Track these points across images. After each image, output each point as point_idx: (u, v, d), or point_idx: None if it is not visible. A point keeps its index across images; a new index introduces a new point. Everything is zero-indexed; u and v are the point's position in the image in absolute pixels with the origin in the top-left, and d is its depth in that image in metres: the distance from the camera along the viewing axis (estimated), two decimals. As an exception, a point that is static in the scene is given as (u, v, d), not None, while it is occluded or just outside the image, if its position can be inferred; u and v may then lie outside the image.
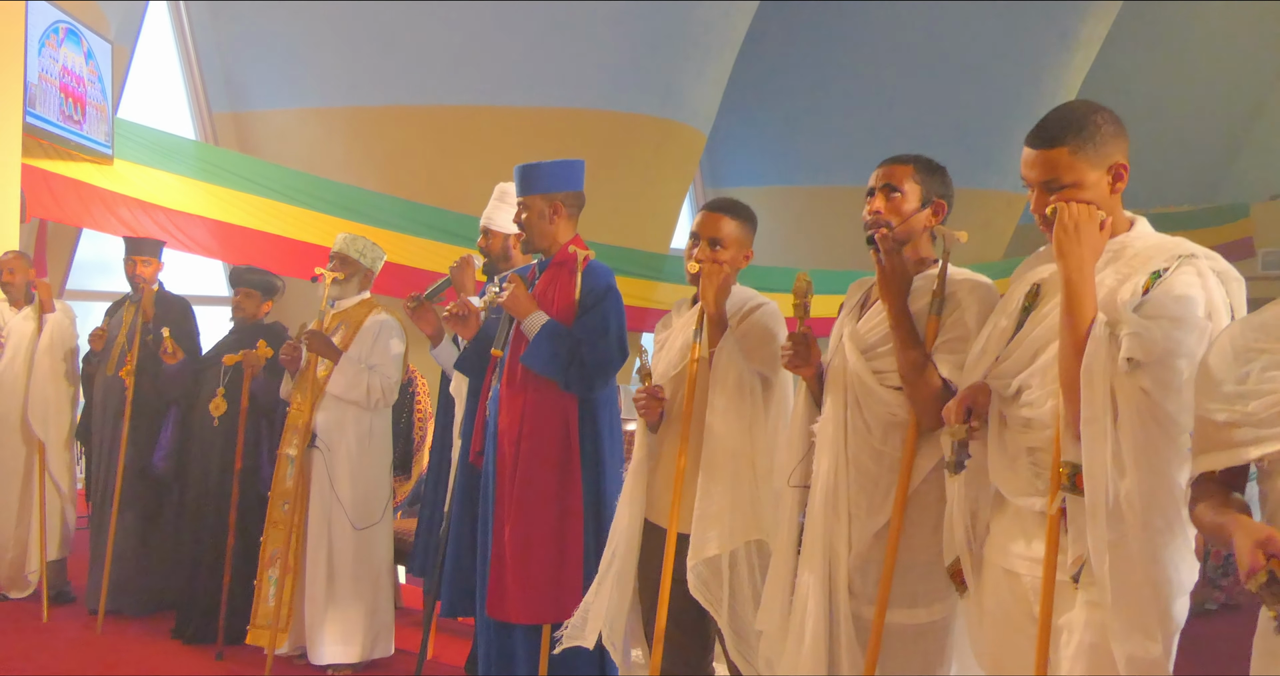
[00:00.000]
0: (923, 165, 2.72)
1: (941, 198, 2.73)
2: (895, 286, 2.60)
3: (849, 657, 2.60)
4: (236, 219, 7.52)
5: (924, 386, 2.53)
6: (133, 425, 5.30)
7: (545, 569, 3.52)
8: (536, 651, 3.59)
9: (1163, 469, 2.06)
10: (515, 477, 3.56)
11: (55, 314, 5.65)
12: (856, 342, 2.68)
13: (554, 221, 3.67)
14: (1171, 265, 2.14)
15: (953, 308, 2.59)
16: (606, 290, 3.62)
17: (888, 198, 2.68)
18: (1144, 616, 2.07)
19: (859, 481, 2.63)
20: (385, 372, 4.67)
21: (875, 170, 2.73)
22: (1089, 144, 2.20)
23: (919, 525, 2.58)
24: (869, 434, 2.62)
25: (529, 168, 3.67)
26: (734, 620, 2.99)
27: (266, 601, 4.65)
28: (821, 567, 2.64)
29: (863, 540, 2.62)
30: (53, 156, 6.83)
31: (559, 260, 3.70)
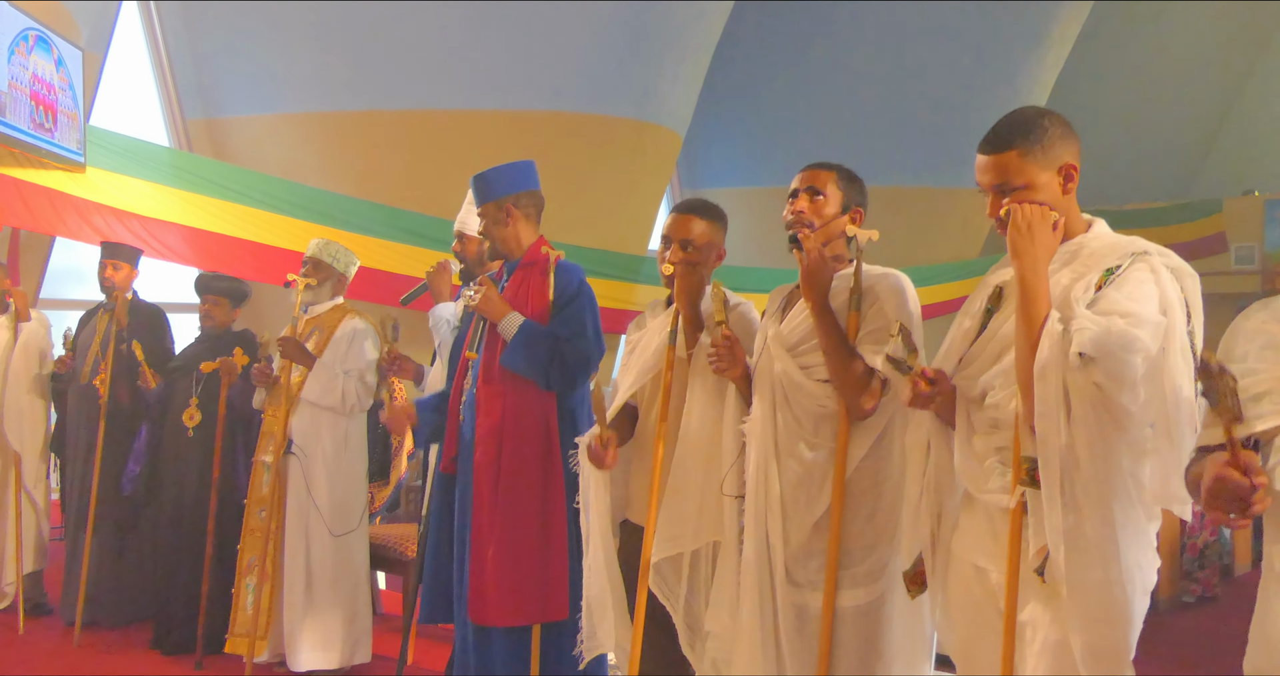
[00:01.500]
0: (844, 173, 2.89)
1: (859, 206, 2.89)
2: (817, 282, 2.72)
3: (789, 646, 2.69)
4: (212, 225, 7.49)
5: (851, 377, 2.65)
6: (108, 435, 5.28)
7: (531, 569, 3.52)
8: (517, 655, 3.59)
9: (1118, 462, 2.10)
10: (498, 480, 3.57)
11: (30, 323, 5.63)
12: (781, 342, 2.80)
13: (509, 224, 3.69)
14: (1125, 262, 2.19)
15: (871, 301, 2.74)
16: (580, 287, 3.65)
17: (811, 199, 2.83)
18: (1102, 606, 2.11)
19: (794, 476, 2.73)
20: (360, 378, 4.68)
21: (798, 174, 2.89)
22: (1037, 146, 2.27)
23: (854, 512, 2.70)
24: (800, 427, 2.74)
25: (478, 178, 3.70)
26: (689, 616, 3.05)
27: (245, 609, 4.65)
28: (758, 564, 2.73)
29: (801, 531, 2.72)
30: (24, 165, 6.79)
31: (528, 261, 3.71)
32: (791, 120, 13.04)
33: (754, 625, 2.71)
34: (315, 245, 4.87)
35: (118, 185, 7.31)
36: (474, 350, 3.70)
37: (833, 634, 2.67)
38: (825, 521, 2.70)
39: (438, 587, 3.91)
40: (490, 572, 3.55)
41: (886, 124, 12.18)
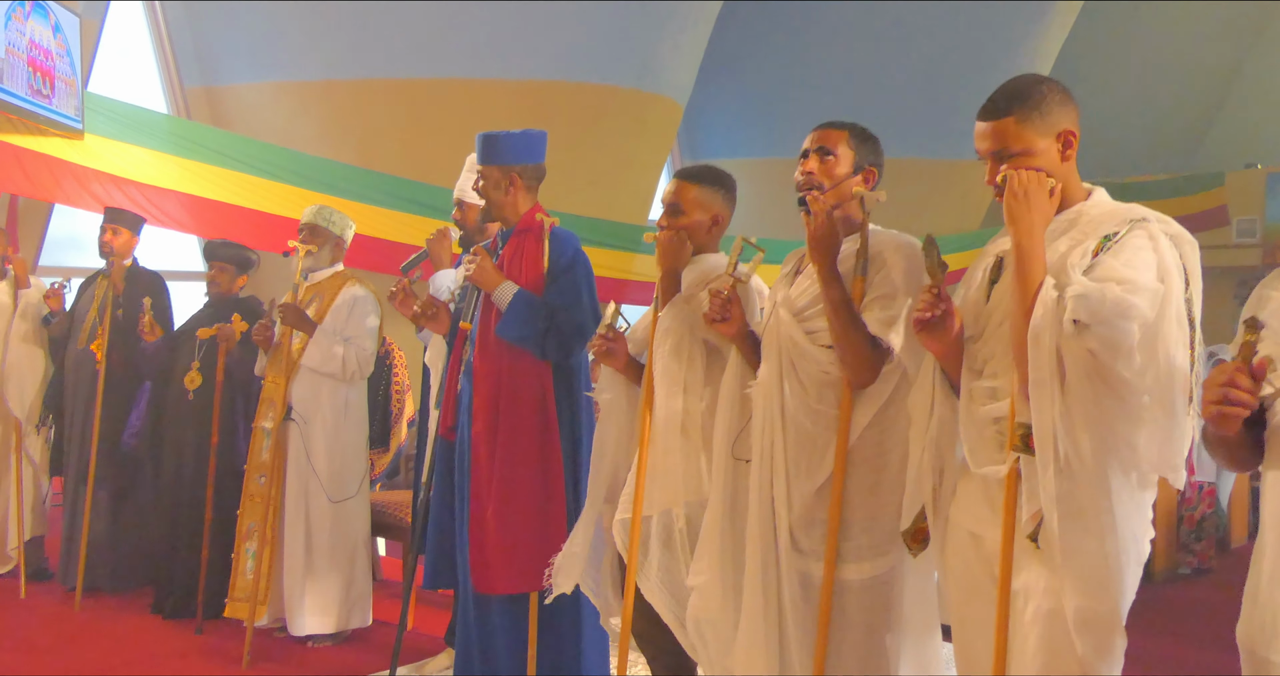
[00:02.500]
0: (857, 132, 2.80)
1: (873, 166, 2.80)
2: (825, 246, 2.66)
3: (794, 615, 2.67)
4: (210, 193, 7.47)
5: (854, 344, 2.60)
6: (105, 401, 5.30)
7: (530, 538, 3.54)
8: (516, 623, 3.62)
9: (1113, 428, 2.11)
10: (495, 449, 3.58)
11: (30, 290, 5.63)
12: (789, 307, 2.76)
13: (510, 193, 3.68)
14: (1123, 229, 2.18)
15: (878, 267, 2.67)
16: (575, 255, 3.64)
17: (821, 160, 2.75)
18: (1096, 574, 2.12)
19: (797, 441, 2.69)
20: (360, 345, 4.68)
21: (810, 133, 2.80)
22: (1035, 112, 2.26)
23: (857, 481, 2.65)
24: (805, 394, 2.69)
25: (490, 137, 3.66)
26: (667, 581, 3.02)
27: (244, 574, 4.67)
28: (761, 529, 2.70)
29: (804, 498, 2.68)
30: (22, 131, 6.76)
31: (522, 228, 3.70)
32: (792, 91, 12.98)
33: (755, 590, 2.68)
34: (310, 211, 4.87)
35: (116, 152, 7.28)
36: (469, 320, 3.70)
37: (839, 606, 2.63)
38: (828, 489, 2.66)
39: (440, 553, 3.93)
40: (490, 541, 3.57)
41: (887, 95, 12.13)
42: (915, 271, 2.63)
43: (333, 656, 4.56)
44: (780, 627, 2.68)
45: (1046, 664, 2.16)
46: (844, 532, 2.65)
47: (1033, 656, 2.18)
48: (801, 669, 2.65)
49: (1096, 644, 2.13)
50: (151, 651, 4.59)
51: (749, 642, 2.70)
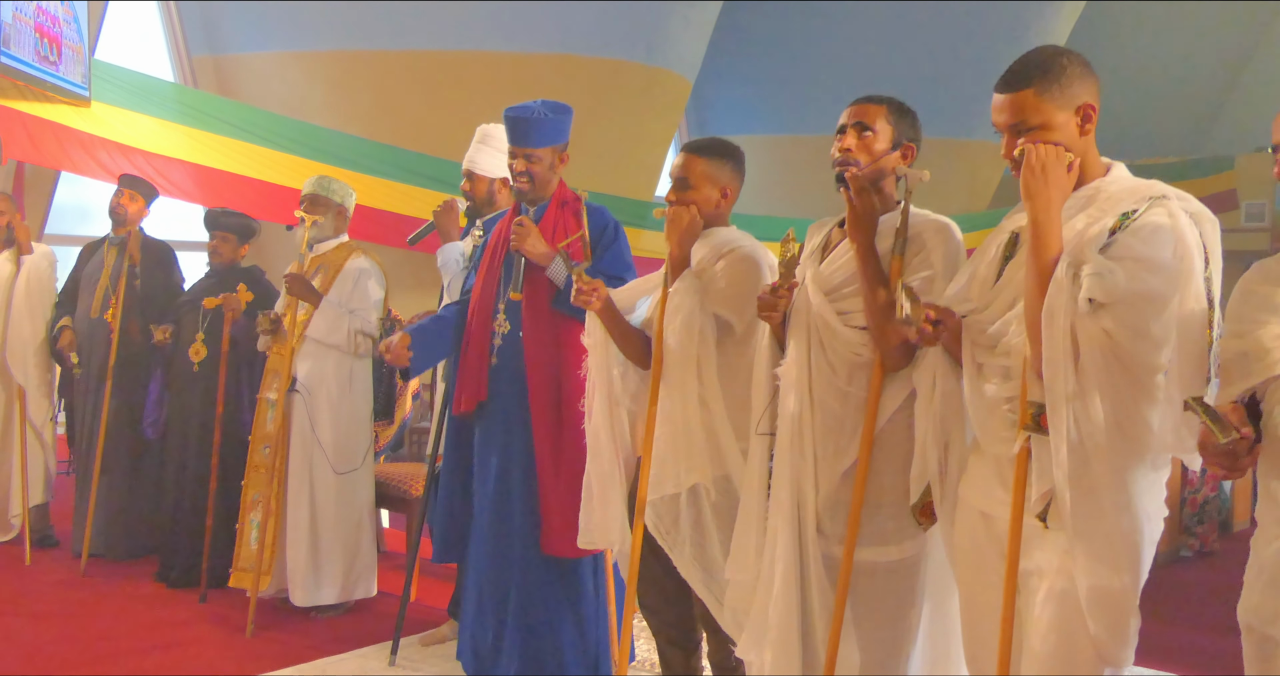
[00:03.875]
0: (895, 107, 2.72)
1: (911, 141, 2.73)
2: (864, 226, 2.59)
3: (820, 597, 2.63)
4: (217, 163, 7.44)
5: (892, 331, 2.52)
6: (118, 370, 5.30)
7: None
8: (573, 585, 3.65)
9: (1128, 408, 2.09)
10: (560, 417, 3.59)
11: (33, 256, 5.62)
12: (820, 284, 2.69)
13: (557, 170, 3.70)
14: (1141, 206, 2.15)
15: (917, 248, 2.60)
16: (616, 227, 3.65)
17: (859, 136, 2.67)
18: (1109, 549, 2.11)
19: (825, 422, 2.64)
20: (366, 317, 4.67)
21: (847, 108, 2.73)
22: (1054, 85, 2.22)
23: (886, 464, 2.60)
24: (834, 375, 2.64)
25: (533, 119, 3.62)
26: (700, 558, 3.01)
27: (249, 544, 4.68)
28: (789, 510, 2.66)
29: (830, 481, 2.64)
30: (29, 98, 6.73)
31: (558, 202, 3.69)
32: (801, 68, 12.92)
33: (785, 575, 2.65)
34: (311, 182, 4.85)
35: (123, 120, 7.26)
36: (518, 290, 3.67)
37: (867, 589, 2.61)
38: (854, 472, 2.62)
39: (451, 528, 3.93)
40: (554, 506, 3.59)
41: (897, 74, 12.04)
42: (954, 254, 2.59)
43: (336, 626, 4.57)
44: (807, 609, 2.65)
45: (1059, 644, 2.15)
46: (872, 516, 2.60)
47: (1044, 636, 2.17)
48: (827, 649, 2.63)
49: (1110, 624, 2.12)
50: (156, 619, 4.60)
51: (779, 624, 2.66)
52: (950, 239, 2.62)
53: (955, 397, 2.39)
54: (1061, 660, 2.16)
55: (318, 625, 4.59)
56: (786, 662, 2.65)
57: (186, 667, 4.04)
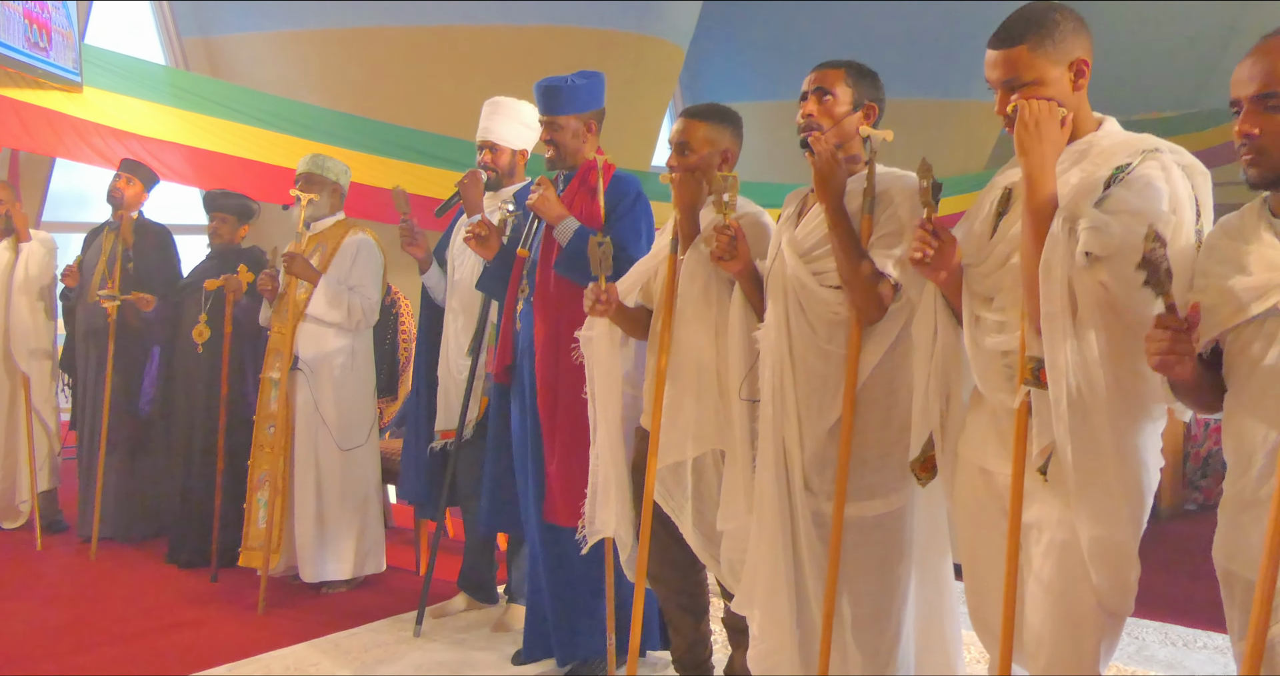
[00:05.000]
0: (853, 69, 2.80)
1: (873, 101, 2.80)
2: (830, 186, 2.66)
3: (810, 553, 2.70)
4: (211, 145, 7.42)
5: (861, 281, 2.61)
6: (118, 352, 5.32)
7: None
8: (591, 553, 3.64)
9: (1126, 360, 2.10)
10: (558, 385, 3.60)
11: (31, 243, 5.63)
12: (794, 248, 2.75)
13: (586, 139, 3.69)
14: (1135, 160, 2.16)
15: (885, 204, 2.68)
16: (636, 197, 3.64)
17: (820, 101, 2.75)
18: (1110, 501, 2.12)
19: (808, 382, 2.70)
20: (365, 293, 4.68)
21: (808, 75, 2.81)
22: (1047, 40, 2.22)
23: (868, 420, 2.67)
24: (814, 335, 2.71)
25: (560, 87, 3.63)
26: (700, 524, 3.08)
27: (257, 523, 4.71)
28: (775, 470, 2.72)
29: (816, 439, 2.70)
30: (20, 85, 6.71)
31: (585, 169, 3.70)
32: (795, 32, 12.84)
33: (773, 532, 2.71)
34: (305, 160, 4.84)
35: (116, 105, 7.24)
36: (526, 248, 3.66)
37: (854, 543, 2.66)
38: (839, 429, 2.68)
39: (501, 498, 3.97)
40: (554, 475, 3.61)
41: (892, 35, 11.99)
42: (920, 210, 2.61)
43: (347, 602, 4.61)
44: (797, 565, 2.71)
45: (1062, 593, 2.18)
46: (857, 470, 2.66)
47: (1046, 588, 2.20)
48: (818, 605, 2.68)
49: (1112, 574, 2.15)
50: (168, 599, 4.64)
51: (769, 580, 2.72)
52: (915, 194, 2.64)
53: (955, 350, 2.42)
54: (1064, 611, 2.18)
55: (328, 600, 4.63)
56: (777, 620, 2.72)
57: (201, 645, 4.08)
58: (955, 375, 2.44)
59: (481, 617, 4.37)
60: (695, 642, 3.39)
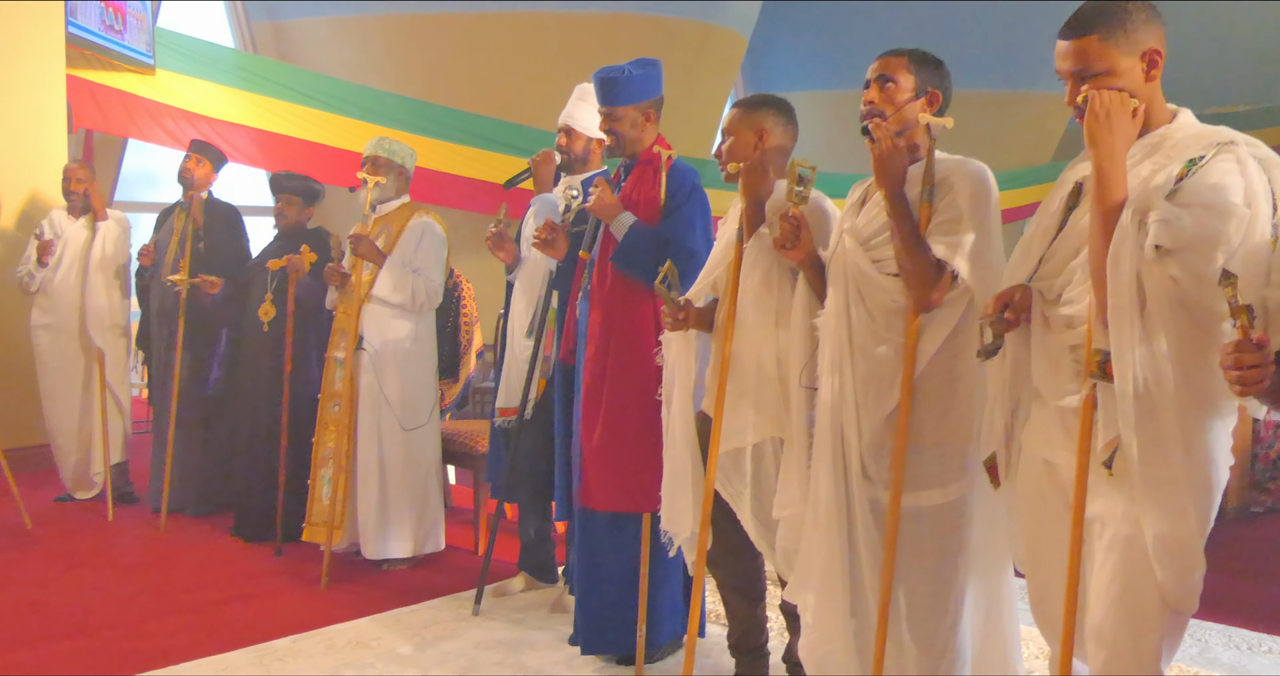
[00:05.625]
0: (917, 57, 2.78)
1: (936, 89, 2.77)
2: (890, 173, 2.66)
3: (865, 542, 2.69)
4: (278, 127, 7.56)
5: (917, 267, 2.60)
6: (188, 330, 5.46)
7: (632, 462, 3.59)
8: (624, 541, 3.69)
9: (1194, 355, 2.07)
10: (604, 375, 3.65)
11: (107, 222, 5.77)
12: (855, 236, 2.76)
13: (645, 128, 3.72)
14: (1209, 152, 2.13)
15: (944, 192, 2.66)
16: (692, 189, 3.66)
17: (882, 88, 2.74)
18: (1175, 496, 2.10)
19: (866, 370, 2.70)
20: (429, 275, 4.74)
21: (872, 64, 2.80)
22: (1119, 30, 2.20)
23: (927, 409, 2.65)
24: (872, 323, 2.70)
25: (617, 79, 3.67)
26: (759, 511, 3.10)
27: (321, 500, 4.80)
28: (832, 457, 2.72)
29: (873, 427, 2.69)
30: (95, 67, 6.88)
31: (645, 160, 3.73)
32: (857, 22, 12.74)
33: (829, 520, 2.71)
34: (372, 144, 4.90)
35: (187, 87, 7.38)
36: (588, 249, 3.72)
37: (911, 532, 2.66)
38: (896, 417, 2.67)
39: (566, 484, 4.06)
40: (592, 461, 3.66)
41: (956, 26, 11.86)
42: (981, 196, 2.64)
43: (407, 579, 4.69)
44: (853, 553, 2.71)
45: (1125, 589, 2.16)
46: (914, 459, 2.65)
47: (1109, 582, 2.18)
48: (874, 594, 2.69)
49: (1177, 570, 2.12)
50: (234, 571, 4.75)
51: (823, 568, 2.73)
52: (977, 180, 2.65)
53: (1024, 366, 2.40)
54: (1126, 606, 2.16)
55: (389, 577, 4.71)
56: (831, 608, 2.72)
57: (265, 618, 4.17)
58: (1025, 386, 2.41)
59: (540, 597, 4.42)
60: (750, 628, 3.42)
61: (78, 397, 5.79)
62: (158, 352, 5.70)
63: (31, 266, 5.73)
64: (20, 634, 3.97)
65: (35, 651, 3.82)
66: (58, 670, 3.65)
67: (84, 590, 4.48)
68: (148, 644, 3.88)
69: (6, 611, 4.21)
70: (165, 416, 5.54)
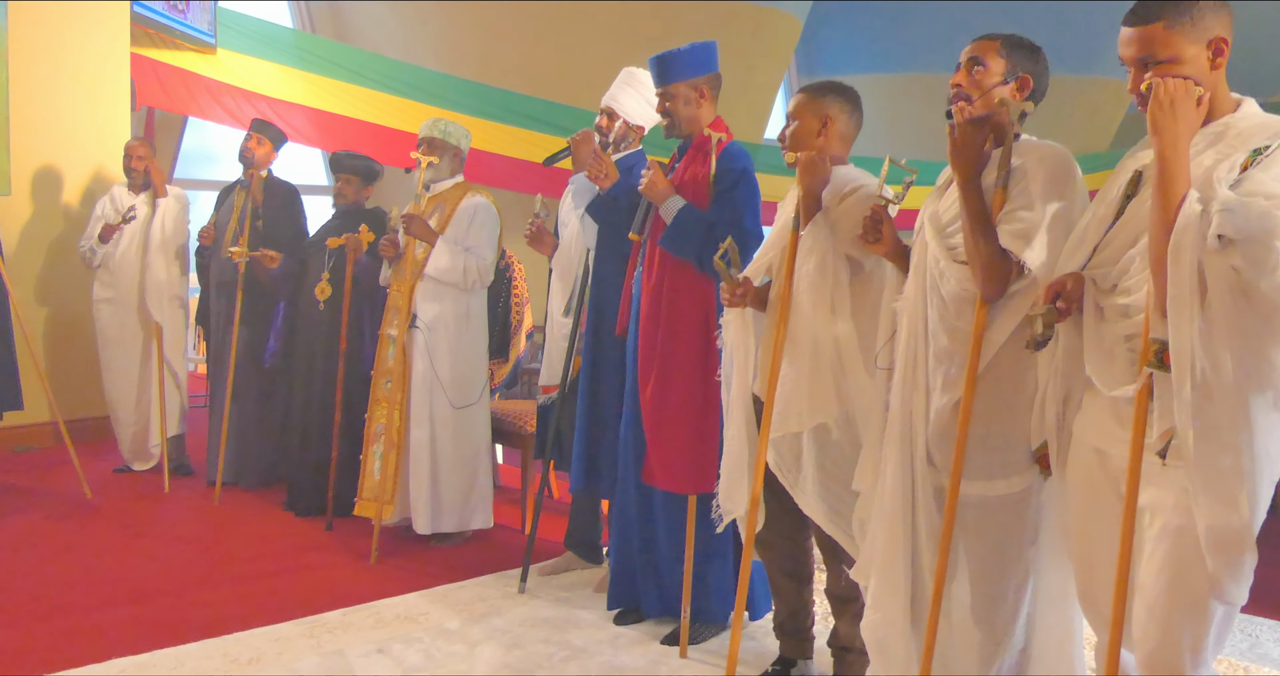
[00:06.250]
0: (1011, 41, 2.71)
1: (1028, 74, 2.69)
2: (964, 158, 2.61)
3: (928, 527, 2.68)
4: (334, 107, 7.64)
5: (981, 254, 2.56)
6: (246, 307, 5.55)
7: (686, 444, 3.64)
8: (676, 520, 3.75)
9: (1254, 346, 2.05)
10: (655, 357, 3.68)
11: (167, 199, 5.87)
12: (935, 222, 2.73)
13: (700, 106, 3.71)
14: (1274, 142, 2.10)
15: (1019, 178, 2.60)
16: (742, 173, 3.65)
17: (970, 72, 2.68)
18: (1228, 487, 2.08)
19: (936, 356, 2.68)
20: (481, 254, 4.78)
21: (965, 46, 2.74)
22: (1185, 17, 2.17)
23: (992, 398, 2.61)
24: (945, 309, 2.67)
25: (667, 56, 3.68)
26: (825, 496, 3.09)
27: (372, 475, 4.87)
28: (901, 442, 2.72)
29: (940, 414, 2.67)
30: (159, 46, 6.99)
31: (699, 142, 3.73)
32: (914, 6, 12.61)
33: (894, 504, 2.71)
34: (427, 125, 4.94)
35: (246, 67, 7.47)
36: (639, 232, 3.75)
37: (974, 521, 2.64)
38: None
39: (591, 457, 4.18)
40: (653, 438, 3.70)
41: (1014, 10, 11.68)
42: (1058, 181, 2.57)
43: (455, 555, 4.75)
44: (915, 538, 2.71)
45: (1175, 579, 2.15)
46: (980, 450, 2.62)
47: (1159, 572, 2.17)
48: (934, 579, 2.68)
49: (1228, 561, 2.10)
50: (286, 544, 4.84)
51: (887, 550, 2.73)
52: (1056, 164, 2.59)
53: (1077, 354, 2.38)
54: (1175, 596, 2.16)
55: (438, 553, 4.77)
56: (891, 591, 2.73)
57: (316, 590, 4.25)
58: (1076, 378, 2.40)
59: (585, 577, 4.47)
60: (798, 609, 3.44)
61: (136, 370, 5.91)
62: (216, 328, 5.80)
63: (94, 242, 5.85)
64: (78, 600, 4.08)
65: (92, 617, 3.92)
66: (115, 636, 3.74)
67: (140, 559, 4.59)
68: (201, 612, 3.97)
69: (66, 577, 4.32)
70: (222, 390, 5.65)
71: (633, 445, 3.87)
